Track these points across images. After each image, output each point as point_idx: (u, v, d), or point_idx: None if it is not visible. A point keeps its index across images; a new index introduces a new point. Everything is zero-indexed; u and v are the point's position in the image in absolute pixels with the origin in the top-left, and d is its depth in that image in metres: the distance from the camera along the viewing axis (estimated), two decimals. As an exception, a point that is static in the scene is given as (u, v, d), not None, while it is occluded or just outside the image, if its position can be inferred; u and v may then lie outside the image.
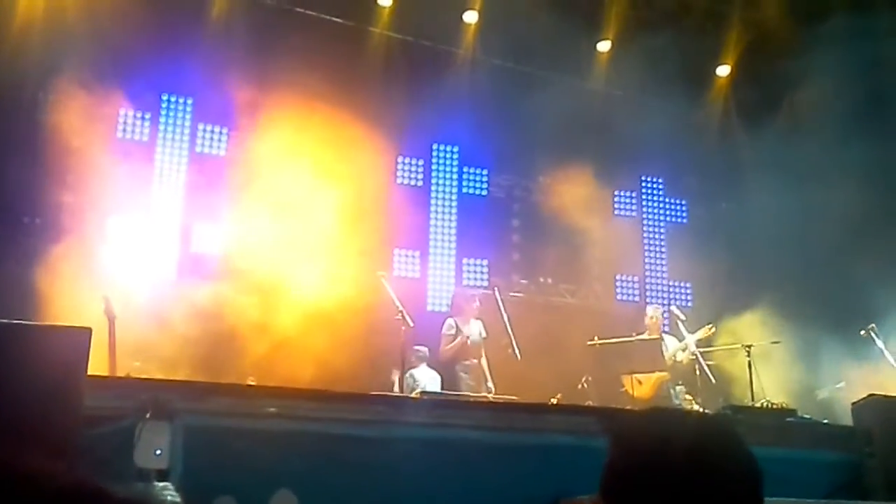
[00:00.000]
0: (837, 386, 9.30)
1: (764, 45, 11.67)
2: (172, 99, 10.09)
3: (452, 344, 8.91)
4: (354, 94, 9.35)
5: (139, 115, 9.89)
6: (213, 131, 10.23)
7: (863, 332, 9.13)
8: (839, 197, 9.85)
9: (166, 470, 4.54)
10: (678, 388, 9.36)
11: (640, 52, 11.42)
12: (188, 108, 10.13)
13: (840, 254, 9.78)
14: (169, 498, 4.24)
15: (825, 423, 7.02)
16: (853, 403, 6.42)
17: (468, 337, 8.88)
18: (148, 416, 4.60)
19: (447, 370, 8.96)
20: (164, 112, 10.04)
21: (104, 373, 5.48)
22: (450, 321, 9.17)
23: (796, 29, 11.17)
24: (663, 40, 11.00)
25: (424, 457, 5.31)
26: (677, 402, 9.16)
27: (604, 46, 12.07)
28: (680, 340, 9.49)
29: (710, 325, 9.47)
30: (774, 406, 7.46)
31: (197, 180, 9.87)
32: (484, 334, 9.07)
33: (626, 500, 1.42)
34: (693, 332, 9.39)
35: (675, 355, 9.38)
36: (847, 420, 6.62)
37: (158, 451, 4.55)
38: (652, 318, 9.84)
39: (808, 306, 9.86)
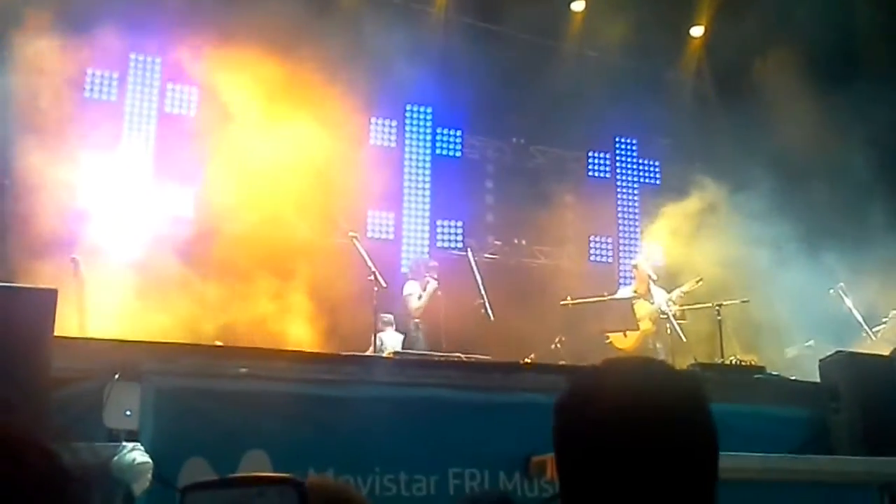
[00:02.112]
0: (806, 344, 9.42)
1: (737, 5, 11.63)
2: (140, 58, 9.90)
3: (422, 299, 9.01)
4: (326, 55, 9.21)
5: (107, 74, 9.71)
6: (181, 91, 10.06)
7: (832, 291, 9.26)
8: (812, 158, 9.92)
9: (136, 431, 4.52)
10: (658, 346, 9.39)
11: (614, 13, 11.36)
12: (156, 68, 9.95)
13: (813, 211, 9.88)
14: (139, 458, 4.23)
15: (793, 380, 7.12)
16: (820, 360, 6.51)
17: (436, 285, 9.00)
18: (117, 377, 4.57)
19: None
20: (132, 71, 9.86)
21: (74, 334, 5.43)
22: (411, 283, 9.26)
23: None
24: (637, 1, 10.94)
25: (397, 416, 5.33)
26: (662, 356, 9.19)
27: (578, 6, 11.98)
28: (669, 291, 9.44)
29: (697, 279, 9.44)
30: (743, 363, 7.55)
31: (166, 140, 9.73)
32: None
33: (572, 450, 1.39)
34: (671, 291, 9.40)
35: (658, 308, 9.31)
36: (815, 378, 6.70)
37: (128, 412, 4.53)
38: (641, 269, 9.72)
39: (779, 265, 9.95)
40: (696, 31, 12.52)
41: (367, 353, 7.90)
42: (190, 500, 0.98)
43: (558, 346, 9.60)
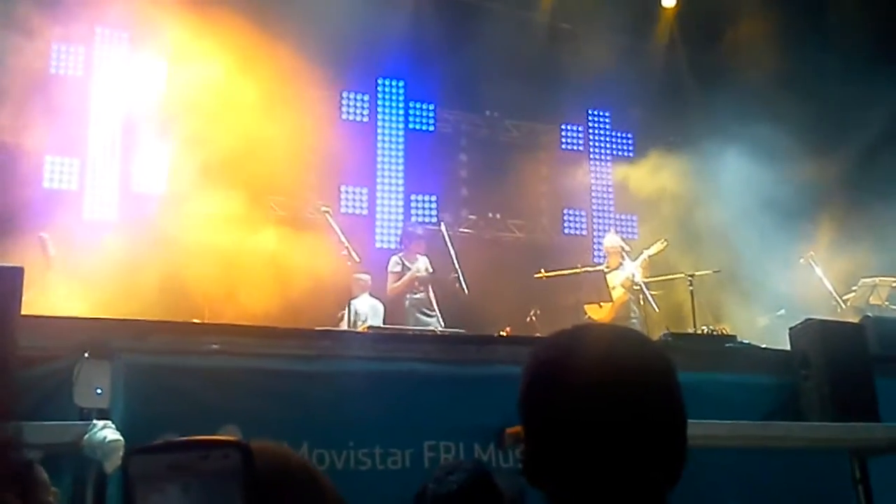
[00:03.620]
0: (778, 313, 9.53)
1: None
2: (107, 32, 9.73)
3: (400, 282, 8.91)
4: (295, 27, 9.09)
5: (72, 49, 9.54)
6: (150, 64, 9.89)
7: (802, 260, 9.36)
8: (783, 133, 9.97)
9: (107, 409, 4.48)
10: (633, 316, 9.45)
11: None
12: (124, 41, 9.79)
13: (783, 186, 9.95)
14: (110, 436, 4.20)
15: (763, 348, 7.18)
16: (790, 328, 6.57)
17: (418, 272, 8.89)
18: (87, 354, 4.52)
19: (395, 304, 8.97)
20: (98, 45, 9.69)
21: (41, 313, 5.36)
22: (395, 258, 9.16)
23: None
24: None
25: (372, 390, 5.32)
26: (638, 325, 9.27)
27: (550, -23, 11.92)
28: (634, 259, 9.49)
29: (662, 240, 9.47)
30: (714, 332, 7.62)
31: (136, 116, 9.59)
32: (431, 270, 9.07)
33: (534, 415, 1.39)
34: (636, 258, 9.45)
35: (632, 276, 9.35)
36: (786, 346, 6.78)
37: (99, 390, 4.49)
38: (612, 246, 9.76)
39: (752, 237, 10.03)
40: (668, 2, 12.50)
41: (341, 327, 7.89)
42: (134, 463, 0.97)
43: (533, 318, 9.64)
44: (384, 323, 8.57)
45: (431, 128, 11.85)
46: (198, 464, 0.95)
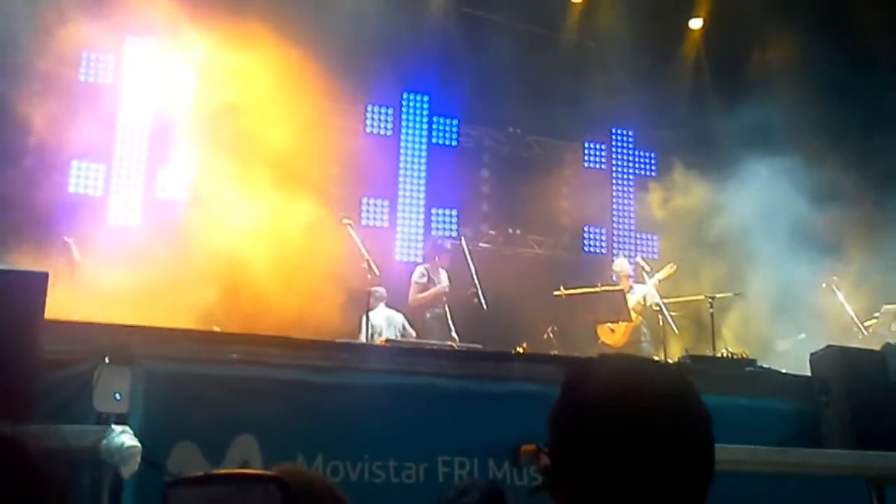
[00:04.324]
0: (799, 337, 9.44)
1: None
2: (137, 40, 9.84)
3: (426, 293, 8.97)
4: (323, 40, 9.17)
5: (102, 57, 9.66)
6: (179, 73, 10.00)
7: (824, 285, 9.28)
8: (807, 156, 9.91)
9: (126, 414, 4.51)
10: (645, 340, 9.47)
11: (613, 4, 11.33)
12: (154, 50, 9.89)
13: (803, 214, 9.87)
14: (128, 442, 4.23)
15: (783, 373, 7.12)
16: (811, 354, 6.52)
17: (445, 287, 8.95)
18: (107, 360, 4.56)
19: (416, 315, 9.01)
20: (127, 53, 9.80)
21: (65, 317, 5.41)
22: (421, 269, 9.20)
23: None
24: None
25: (388, 403, 5.33)
26: (649, 348, 9.27)
27: (577, -4, 11.97)
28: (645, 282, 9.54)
29: (671, 265, 9.54)
30: (734, 355, 7.56)
31: (163, 124, 9.69)
32: (448, 284, 9.10)
33: (572, 445, 1.40)
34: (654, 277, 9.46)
35: (643, 299, 9.41)
36: (806, 371, 6.72)
37: (118, 396, 4.52)
38: (619, 271, 9.91)
39: (774, 260, 9.95)
40: (695, 24, 12.50)
41: (359, 340, 7.90)
42: (174, 495, 0.96)
43: (550, 336, 9.61)
44: (408, 331, 8.64)
45: (454, 142, 11.89)
46: (238, 498, 0.95)
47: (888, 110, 9.96)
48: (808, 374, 6.56)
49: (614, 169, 12.75)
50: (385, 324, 8.75)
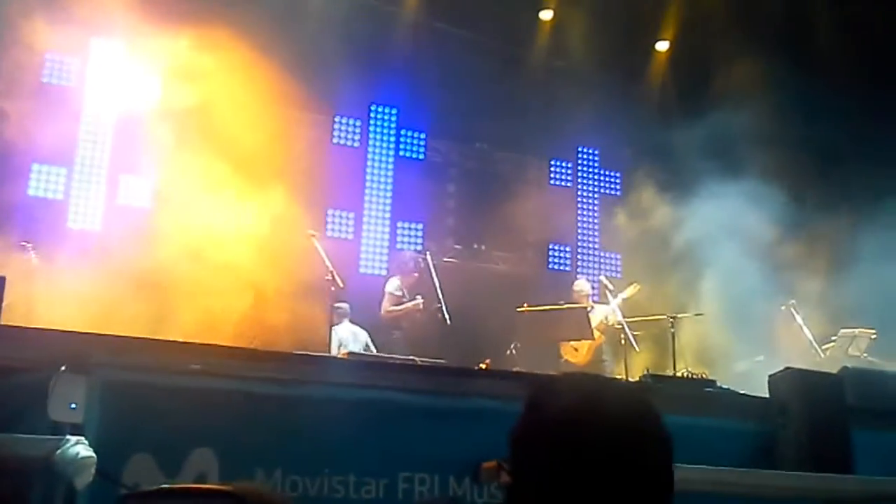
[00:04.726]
0: (757, 359, 9.54)
1: (702, 22, 11.79)
2: (102, 44, 9.71)
3: (401, 307, 8.97)
4: (292, 50, 9.13)
5: (66, 59, 9.52)
6: (143, 78, 9.88)
7: (783, 307, 9.41)
8: (770, 178, 10.05)
9: (81, 424, 4.41)
10: (606, 359, 9.55)
11: (582, 24, 11.43)
12: (118, 54, 9.77)
13: (765, 236, 10.01)
14: (83, 452, 4.14)
15: (742, 394, 7.19)
16: (770, 375, 6.59)
17: (420, 304, 8.94)
18: (63, 368, 4.46)
19: (380, 331, 8.97)
20: (92, 57, 9.67)
21: (21, 323, 5.31)
22: (396, 281, 9.19)
23: (733, 7, 11.33)
24: (605, 13, 11.01)
25: (349, 418, 5.27)
26: (611, 366, 9.33)
27: (546, 15, 12.06)
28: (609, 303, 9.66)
29: (634, 284, 9.66)
30: (694, 376, 7.63)
31: (127, 128, 9.56)
32: (422, 302, 9.11)
33: (531, 462, 1.40)
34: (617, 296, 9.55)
35: (605, 318, 9.52)
36: (764, 392, 6.78)
37: (73, 405, 4.42)
38: (579, 291, 10.02)
39: (736, 282, 10.06)
40: (662, 46, 12.66)
41: (323, 353, 7.84)
42: None
43: (513, 352, 9.62)
44: (371, 349, 8.59)
45: (421, 156, 11.90)
46: None
47: (851, 132, 10.15)
48: (767, 395, 6.62)
49: (580, 187, 12.85)
50: (351, 338, 8.73)
